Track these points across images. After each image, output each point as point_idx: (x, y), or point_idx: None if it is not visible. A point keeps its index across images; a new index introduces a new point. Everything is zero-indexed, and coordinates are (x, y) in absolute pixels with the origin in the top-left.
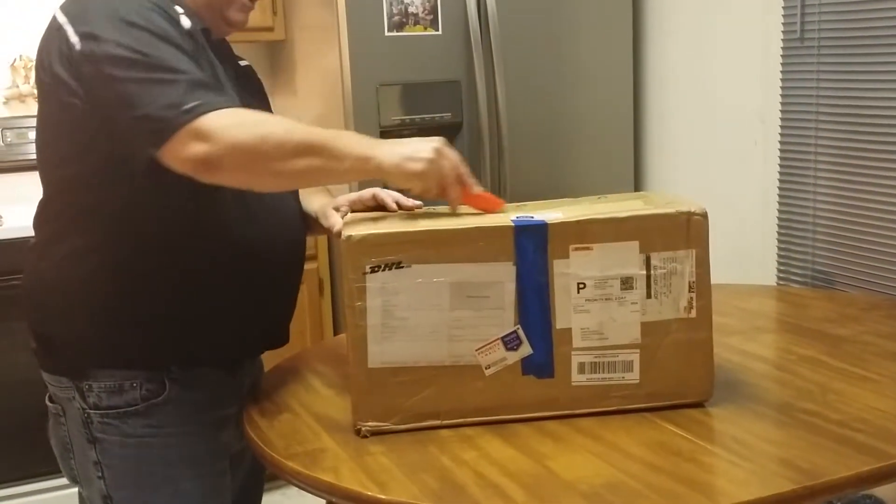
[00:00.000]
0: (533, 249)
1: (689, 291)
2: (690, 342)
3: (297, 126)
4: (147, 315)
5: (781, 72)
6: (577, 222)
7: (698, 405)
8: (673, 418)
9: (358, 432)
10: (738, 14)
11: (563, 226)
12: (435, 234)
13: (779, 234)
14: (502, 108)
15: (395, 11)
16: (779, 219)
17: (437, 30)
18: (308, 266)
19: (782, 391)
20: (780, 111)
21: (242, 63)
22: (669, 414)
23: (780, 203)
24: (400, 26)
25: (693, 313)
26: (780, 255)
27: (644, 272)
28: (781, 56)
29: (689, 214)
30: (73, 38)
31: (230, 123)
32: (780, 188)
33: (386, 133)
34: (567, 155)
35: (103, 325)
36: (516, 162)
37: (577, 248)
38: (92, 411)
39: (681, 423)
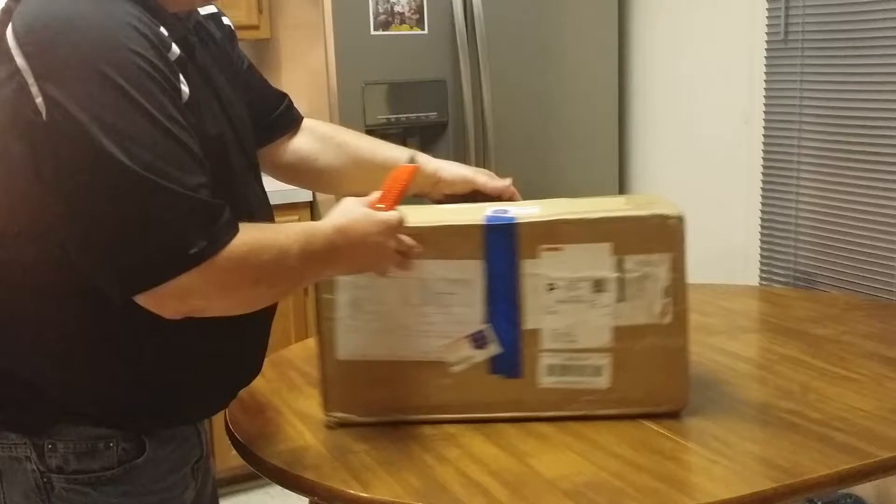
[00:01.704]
0: (503, 248)
1: (664, 297)
2: (665, 349)
3: (288, 265)
4: (134, 364)
5: (765, 73)
6: (548, 222)
7: (673, 415)
8: (655, 416)
9: (328, 424)
10: (723, 16)
11: (533, 225)
12: (405, 231)
13: (761, 234)
14: (488, 107)
15: (381, 10)
16: (762, 219)
17: (423, 29)
18: None
19: (763, 390)
20: (764, 112)
21: (206, 11)
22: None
23: (763, 204)
24: (386, 25)
25: (668, 319)
26: (762, 256)
27: (616, 275)
28: (765, 57)
29: (664, 217)
30: (38, 100)
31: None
32: (763, 189)
33: (372, 132)
34: (552, 155)
35: (81, 374)
36: (501, 161)
37: (547, 249)
38: (54, 475)
39: (662, 422)
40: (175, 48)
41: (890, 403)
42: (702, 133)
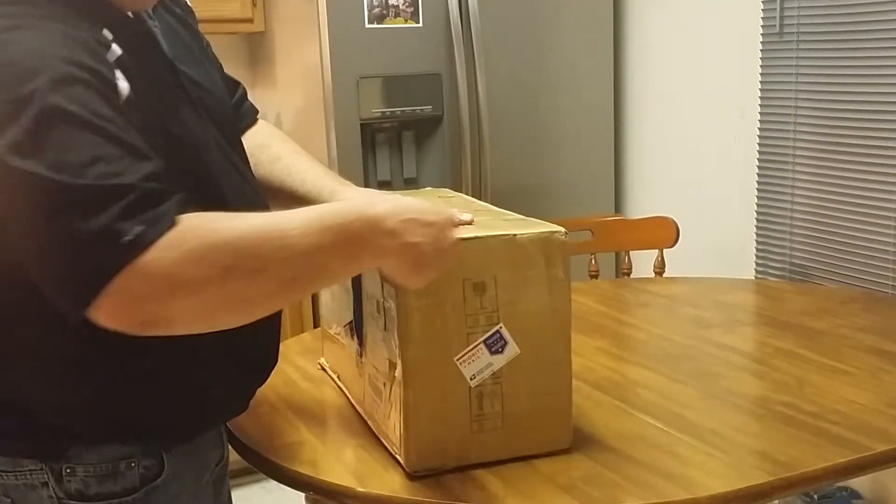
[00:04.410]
0: None
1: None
2: None
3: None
4: (148, 378)
5: (761, 66)
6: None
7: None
8: (651, 410)
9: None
10: (718, 10)
11: None
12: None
13: (757, 227)
14: (483, 101)
15: (375, 3)
16: (757, 213)
17: (418, 22)
18: None
19: (759, 384)
20: (759, 106)
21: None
22: (647, 406)
23: (758, 197)
24: (380, 18)
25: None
26: (758, 249)
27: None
28: (761, 51)
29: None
30: None
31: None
32: (758, 182)
33: (366, 125)
34: (547, 149)
35: (94, 396)
36: (497, 156)
37: None
38: (73, 502)
39: (658, 416)
40: (115, 48)
41: (886, 397)
42: (697, 126)
